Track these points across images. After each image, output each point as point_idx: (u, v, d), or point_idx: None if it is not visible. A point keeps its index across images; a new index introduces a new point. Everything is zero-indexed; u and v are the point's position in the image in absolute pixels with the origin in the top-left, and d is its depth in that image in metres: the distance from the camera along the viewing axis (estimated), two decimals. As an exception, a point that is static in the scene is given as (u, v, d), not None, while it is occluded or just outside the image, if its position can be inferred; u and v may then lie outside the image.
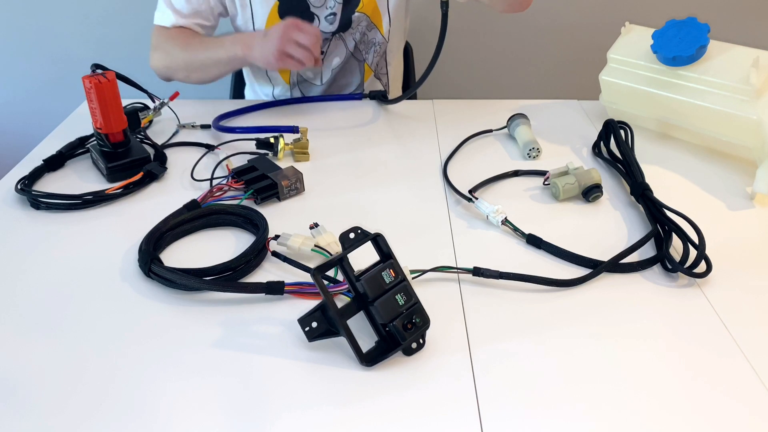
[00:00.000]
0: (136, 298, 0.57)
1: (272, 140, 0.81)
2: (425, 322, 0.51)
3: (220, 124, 0.88)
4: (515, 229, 0.66)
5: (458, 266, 0.60)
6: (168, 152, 0.83)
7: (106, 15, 1.57)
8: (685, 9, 1.54)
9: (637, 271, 0.61)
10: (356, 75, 1.12)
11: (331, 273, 0.58)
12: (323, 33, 1.04)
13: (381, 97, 1.00)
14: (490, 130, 0.88)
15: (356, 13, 1.04)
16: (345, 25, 1.05)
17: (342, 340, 0.50)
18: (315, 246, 0.61)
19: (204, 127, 0.91)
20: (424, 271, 0.58)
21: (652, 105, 0.83)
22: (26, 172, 0.76)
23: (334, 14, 1.03)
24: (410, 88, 1.35)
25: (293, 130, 0.84)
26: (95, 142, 0.79)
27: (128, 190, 0.73)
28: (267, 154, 0.81)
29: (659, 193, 0.69)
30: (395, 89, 1.23)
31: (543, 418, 0.45)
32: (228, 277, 0.58)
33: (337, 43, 1.07)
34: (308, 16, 1.02)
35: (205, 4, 1.01)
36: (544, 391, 0.47)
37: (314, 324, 0.50)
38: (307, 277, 0.58)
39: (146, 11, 1.55)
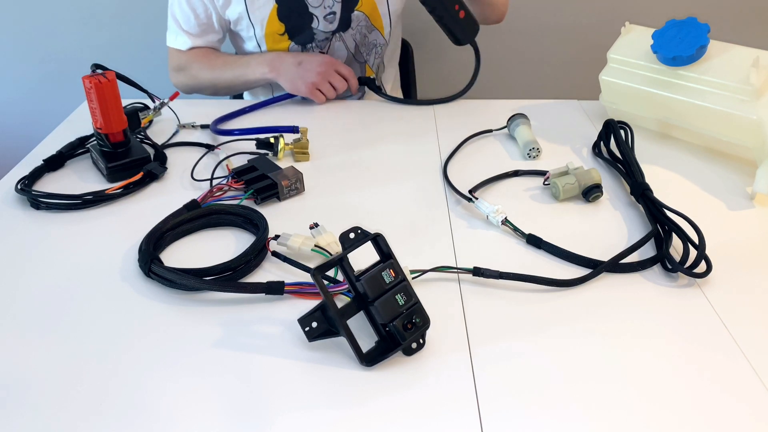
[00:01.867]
0: (136, 298, 0.57)
1: (272, 140, 0.81)
2: (425, 322, 0.51)
3: (218, 127, 0.88)
4: (515, 229, 0.66)
5: (458, 266, 0.60)
6: (168, 152, 0.83)
7: (107, 15, 1.57)
8: (685, 9, 1.54)
9: (637, 271, 0.61)
10: (357, 74, 1.13)
11: (331, 273, 0.58)
12: (323, 32, 1.04)
13: (372, 86, 1.00)
14: (490, 130, 0.88)
15: (355, 12, 1.04)
16: (345, 23, 1.05)
17: (342, 340, 0.50)
18: (315, 246, 0.61)
19: (204, 127, 0.91)
20: (424, 271, 0.58)
21: (652, 105, 0.83)
22: (26, 172, 0.76)
23: (334, 13, 1.03)
24: (410, 88, 1.36)
25: (293, 130, 0.84)
26: (95, 142, 0.79)
27: (128, 190, 0.73)
28: (267, 154, 0.81)
29: (659, 193, 0.69)
30: (394, 91, 1.23)
31: (543, 417, 0.45)
32: (228, 277, 0.58)
33: (337, 43, 1.07)
34: (307, 17, 1.03)
35: (209, 18, 1.04)
36: (544, 390, 0.47)
37: (314, 324, 0.50)
38: (307, 277, 0.58)
39: (147, 11, 1.56)
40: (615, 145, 0.80)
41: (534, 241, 0.64)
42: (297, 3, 1.01)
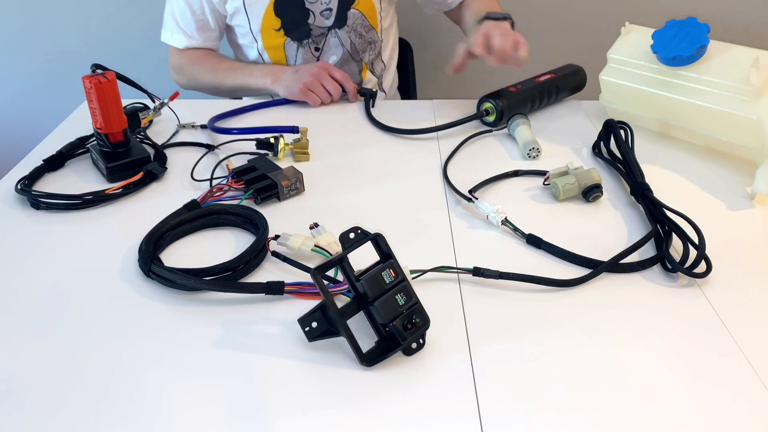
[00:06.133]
0: (136, 298, 0.57)
1: (272, 140, 0.81)
2: (425, 322, 0.51)
3: (215, 125, 0.88)
4: (515, 229, 0.66)
5: (458, 266, 0.60)
6: (168, 152, 0.83)
7: (107, 14, 1.57)
8: (685, 9, 1.54)
9: (637, 271, 0.61)
10: (355, 75, 1.13)
11: (331, 273, 0.58)
12: (319, 28, 1.05)
13: (367, 100, 0.97)
14: (491, 130, 0.88)
15: (352, 10, 1.05)
16: (341, 20, 1.06)
17: (342, 340, 0.50)
18: (315, 246, 0.61)
19: (204, 127, 0.91)
20: (424, 271, 0.58)
21: (652, 105, 0.83)
22: (26, 172, 0.76)
23: (330, 9, 1.04)
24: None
25: (293, 130, 0.84)
26: (95, 142, 0.79)
27: (128, 190, 0.73)
28: (267, 154, 0.81)
29: (659, 193, 0.69)
30: (391, 91, 1.24)
31: (543, 417, 0.45)
32: (228, 277, 0.58)
33: (333, 39, 1.07)
34: (303, 12, 1.04)
35: (205, 14, 1.05)
36: (544, 390, 0.47)
37: (314, 324, 0.50)
38: (307, 277, 0.58)
39: (147, 11, 1.56)
40: (615, 145, 0.80)
41: (534, 241, 0.64)
42: None
